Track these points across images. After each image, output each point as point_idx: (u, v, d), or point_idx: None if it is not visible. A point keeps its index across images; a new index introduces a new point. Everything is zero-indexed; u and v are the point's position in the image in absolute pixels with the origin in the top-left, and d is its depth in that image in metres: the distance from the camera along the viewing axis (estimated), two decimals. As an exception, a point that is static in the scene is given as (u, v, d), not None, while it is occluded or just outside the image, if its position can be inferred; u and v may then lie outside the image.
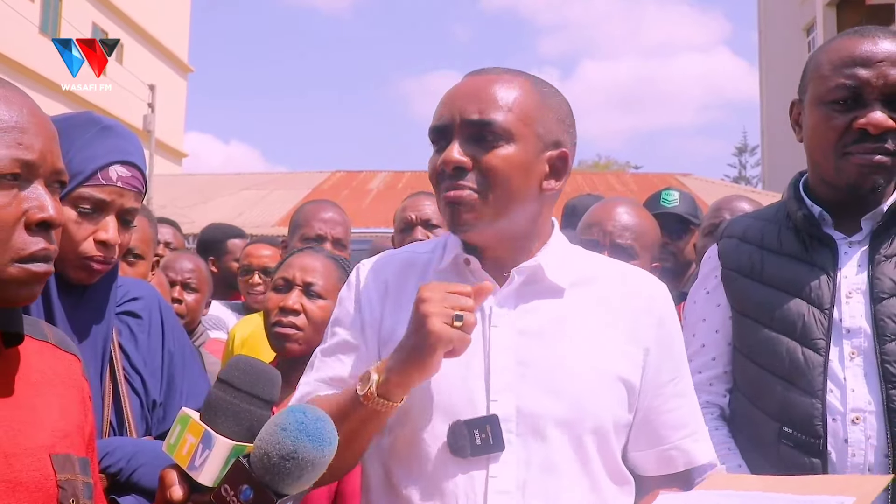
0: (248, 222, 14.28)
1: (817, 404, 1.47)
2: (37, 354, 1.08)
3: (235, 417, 0.96)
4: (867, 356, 1.47)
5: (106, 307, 1.54)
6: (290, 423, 0.92)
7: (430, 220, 2.82)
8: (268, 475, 0.91)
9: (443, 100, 1.32)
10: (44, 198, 0.99)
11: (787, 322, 1.54)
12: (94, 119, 1.52)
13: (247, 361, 1.02)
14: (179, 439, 0.97)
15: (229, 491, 0.93)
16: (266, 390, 0.99)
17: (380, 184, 18.11)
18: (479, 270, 1.31)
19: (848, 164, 1.52)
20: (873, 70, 1.50)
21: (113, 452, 1.47)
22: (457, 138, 1.27)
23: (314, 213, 2.88)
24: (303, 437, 0.91)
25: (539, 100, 1.30)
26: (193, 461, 0.95)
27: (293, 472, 0.91)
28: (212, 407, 0.98)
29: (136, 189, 1.50)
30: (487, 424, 1.21)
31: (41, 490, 0.98)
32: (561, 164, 1.31)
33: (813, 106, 1.58)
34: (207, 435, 0.95)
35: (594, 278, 1.35)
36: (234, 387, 0.98)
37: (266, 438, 0.92)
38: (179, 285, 2.81)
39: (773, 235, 1.64)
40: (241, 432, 0.96)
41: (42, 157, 1.00)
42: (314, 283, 1.99)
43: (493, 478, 1.22)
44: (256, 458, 0.92)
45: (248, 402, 0.98)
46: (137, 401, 1.61)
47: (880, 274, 1.51)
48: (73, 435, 1.06)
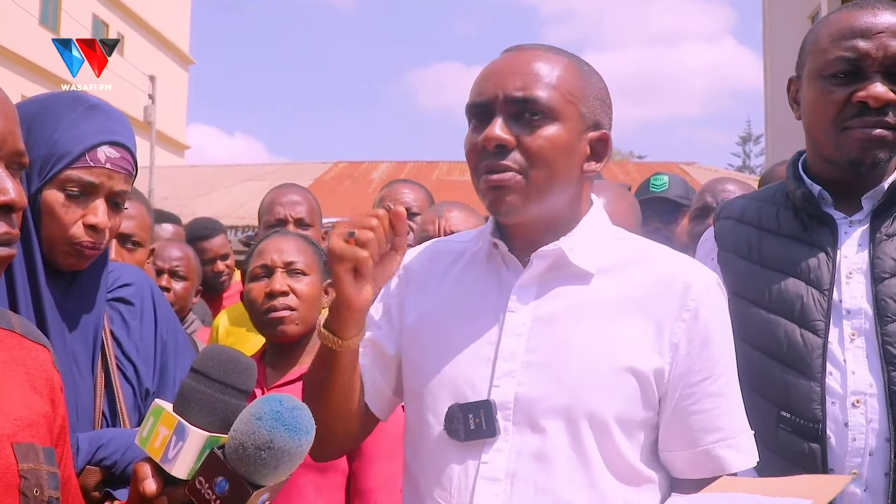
0: (250, 213, 14.24)
1: (816, 387, 1.44)
2: (0, 344, 1.05)
3: (210, 408, 0.94)
4: (868, 337, 1.44)
5: (97, 294, 1.51)
6: (266, 413, 0.90)
7: (411, 208, 2.76)
8: (243, 466, 0.89)
9: (482, 75, 1.27)
10: (4, 180, 0.96)
11: (785, 303, 1.51)
12: (81, 97, 1.46)
13: (221, 350, 0.99)
14: (152, 432, 0.95)
15: (204, 483, 0.90)
16: (241, 380, 0.97)
17: (382, 174, 18.05)
18: (507, 254, 1.29)
19: (848, 138, 1.49)
20: (873, 41, 1.46)
21: (107, 445, 1.44)
22: (499, 115, 1.22)
23: (274, 198, 2.86)
24: (279, 427, 0.89)
25: (582, 77, 1.27)
26: (167, 454, 0.93)
27: (269, 463, 0.89)
28: (185, 398, 0.95)
29: (125, 171, 1.46)
30: (482, 409, 1.20)
31: (2, 479, 0.96)
32: (601, 146, 1.28)
33: (811, 80, 1.54)
34: (181, 426, 0.93)
35: (629, 264, 1.28)
36: (209, 377, 0.96)
37: (241, 429, 0.90)
38: (167, 273, 2.79)
39: (771, 216, 1.61)
40: (216, 423, 0.94)
41: (2, 139, 0.97)
42: (295, 262, 1.99)
43: (484, 464, 1.21)
44: (231, 449, 0.90)
45: (222, 392, 0.95)
46: (130, 390, 1.59)
47: (881, 253, 1.47)
48: (37, 425, 1.03)
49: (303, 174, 16.88)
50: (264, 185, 17.86)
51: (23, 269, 1.38)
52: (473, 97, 1.27)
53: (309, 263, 2.00)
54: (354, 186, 16.24)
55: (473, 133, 1.26)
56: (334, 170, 19.26)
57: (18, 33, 19.76)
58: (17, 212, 0.99)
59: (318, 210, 2.90)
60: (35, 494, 0.98)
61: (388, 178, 17.68)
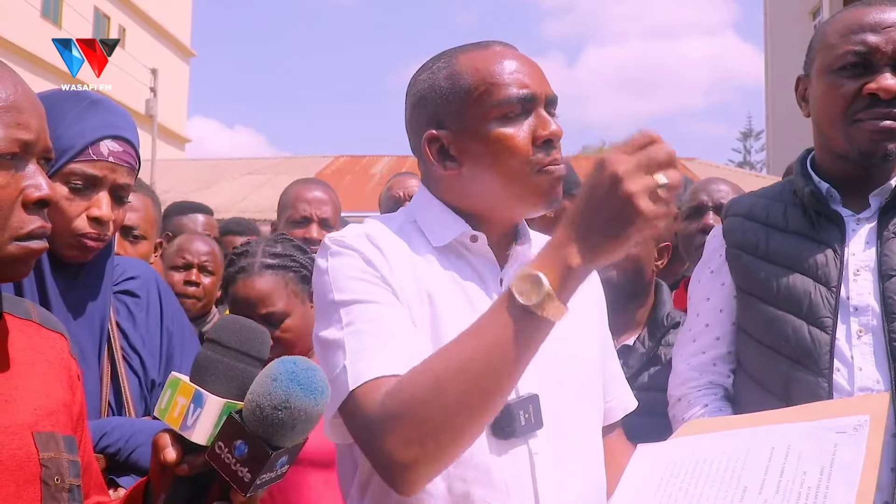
0: (251, 206, 14.26)
1: (823, 383, 1.45)
2: (19, 333, 1.07)
3: (226, 376, 0.94)
4: (875, 334, 1.44)
5: (101, 285, 1.52)
6: (281, 373, 0.90)
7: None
8: (261, 428, 0.89)
9: (517, 68, 1.25)
10: (39, 177, 1.00)
11: (793, 300, 1.51)
12: (83, 94, 1.49)
13: (235, 320, 0.99)
14: (170, 402, 0.95)
15: (223, 448, 0.90)
16: (255, 347, 0.97)
17: (383, 168, 18.05)
18: (486, 248, 1.29)
19: (858, 130, 1.49)
20: (882, 35, 1.48)
21: (111, 432, 1.46)
22: (540, 106, 1.26)
23: (299, 194, 2.77)
24: (294, 386, 0.89)
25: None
26: (185, 421, 0.93)
27: (287, 423, 0.89)
28: (201, 367, 0.95)
29: (128, 164, 1.47)
30: (531, 404, 1.19)
31: (23, 468, 0.97)
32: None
33: (821, 76, 1.55)
34: (198, 394, 0.93)
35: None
36: (223, 345, 0.96)
37: (257, 391, 0.90)
38: (196, 268, 2.78)
39: (778, 213, 1.61)
40: (233, 390, 0.94)
41: (37, 137, 1.01)
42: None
43: (536, 454, 1.20)
44: (249, 411, 0.90)
45: (237, 359, 0.95)
46: (136, 381, 1.60)
47: (889, 251, 1.48)
48: (57, 413, 1.05)
49: (304, 168, 16.87)
50: (265, 179, 17.92)
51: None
52: (519, 89, 1.24)
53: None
54: (355, 181, 16.25)
55: (525, 127, 1.24)
56: (335, 164, 19.26)
57: (20, 26, 19.74)
58: (50, 206, 1.02)
59: (340, 210, 2.87)
60: (56, 482, 1.00)
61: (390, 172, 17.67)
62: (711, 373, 1.65)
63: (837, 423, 1.14)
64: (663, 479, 1.20)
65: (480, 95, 1.24)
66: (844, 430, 1.12)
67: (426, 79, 1.31)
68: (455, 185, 1.29)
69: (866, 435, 1.09)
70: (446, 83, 1.27)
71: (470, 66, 1.26)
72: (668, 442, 1.31)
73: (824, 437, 1.13)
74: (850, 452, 1.08)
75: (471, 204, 1.29)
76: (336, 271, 1.22)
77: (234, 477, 0.90)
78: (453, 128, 1.26)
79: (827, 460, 1.08)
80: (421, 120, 1.30)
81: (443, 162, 1.28)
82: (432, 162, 1.29)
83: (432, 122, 1.28)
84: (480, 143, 1.24)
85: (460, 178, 1.28)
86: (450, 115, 1.26)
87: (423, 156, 1.30)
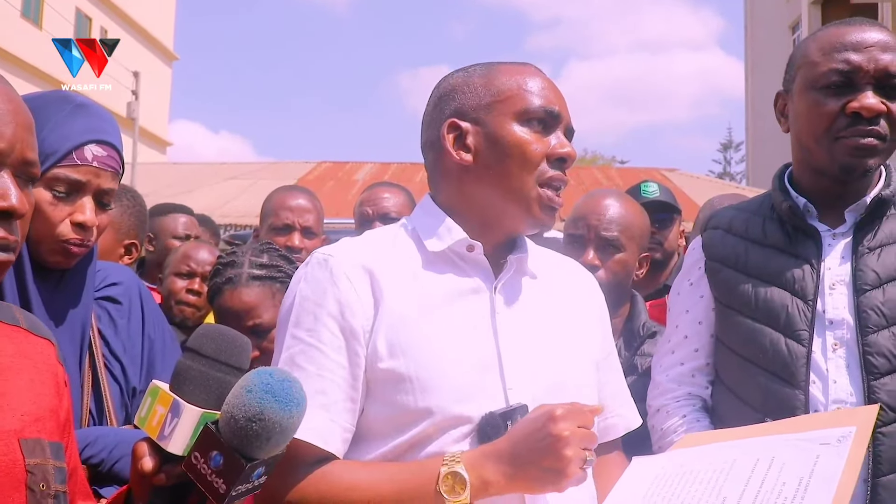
0: (232, 211, 14.17)
1: (800, 395, 1.47)
2: (6, 339, 1.05)
3: (204, 385, 0.94)
4: (849, 348, 1.47)
5: (83, 292, 1.51)
6: (256, 385, 0.90)
7: (389, 213, 2.69)
8: (236, 439, 0.89)
9: (550, 87, 1.34)
10: (7, 186, 0.96)
11: (770, 313, 1.53)
12: (68, 97, 1.47)
13: (214, 328, 1.00)
14: (150, 411, 0.95)
15: (199, 458, 0.90)
16: (234, 356, 0.97)
17: (366, 175, 18.02)
18: (481, 258, 1.32)
19: (840, 146, 1.51)
20: (865, 54, 1.50)
21: (94, 443, 1.44)
22: (560, 129, 1.33)
23: (282, 202, 2.71)
24: (269, 398, 0.89)
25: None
26: (163, 431, 0.93)
27: (261, 435, 0.89)
28: (180, 376, 0.95)
29: (112, 169, 1.46)
30: (518, 414, 1.21)
31: (9, 474, 0.96)
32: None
33: (803, 92, 1.57)
34: (176, 403, 0.93)
35: (551, 266, 1.44)
36: (202, 354, 0.96)
37: (232, 402, 0.90)
38: (199, 277, 2.74)
39: (757, 227, 1.64)
40: (211, 400, 0.94)
41: (10, 146, 0.97)
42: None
43: None
44: (224, 422, 0.90)
45: (216, 369, 0.95)
46: (117, 388, 1.58)
47: (863, 266, 1.51)
48: (44, 419, 1.04)
49: (286, 174, 16.81)
50: (247, 184, 17.82)
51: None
52: (545, 103, 1.31)
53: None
54: (338, 187, 16.19)
55: (542, 141, 1.30)
56: (318, 170, 19.18)
57: (0, 26, 19.52)
58: (18, 219, 0.99)
59: (323, 217, 2.79)
60: (41, 489, 0.99)
61: (372, 179, 17.66)
62: (690, 384, 1.67)
63: (823, 435, 1.16)
64: (650, 488, 1.22)
65: (511, 97, 1.31)
66: (828, 442, 1.14)
67: (461, 76, 1.37)
68: (462, 179, 1.33)
69: (849, 446, 1.11)
70: (480, 81, 1.34)
71: (507, 72, 1.34)
72: (662, 454, 1.33)
73: (808, 449, 1.14)
74: (831, 463, 1.10)
75: (471, 204, 1.33)
76: (303, 295, 1.27)
77: (210, 488, 0.90)
78: (476, 120, 1.32)
79: (807, 471, 1.10)
80: (445, 110, 1.35)
81: (458, 150, 1.32)
82: (448, 149, 1.32)
83: (457, 112, 1.34)
84: (498, 140, 1.29)
85: (468, 171, 1.32)
86: (477, 108, 1.32)
87: (438, 145, 1.34)
